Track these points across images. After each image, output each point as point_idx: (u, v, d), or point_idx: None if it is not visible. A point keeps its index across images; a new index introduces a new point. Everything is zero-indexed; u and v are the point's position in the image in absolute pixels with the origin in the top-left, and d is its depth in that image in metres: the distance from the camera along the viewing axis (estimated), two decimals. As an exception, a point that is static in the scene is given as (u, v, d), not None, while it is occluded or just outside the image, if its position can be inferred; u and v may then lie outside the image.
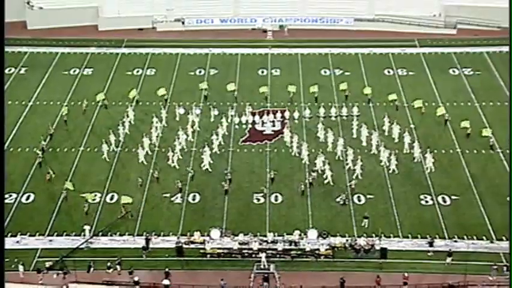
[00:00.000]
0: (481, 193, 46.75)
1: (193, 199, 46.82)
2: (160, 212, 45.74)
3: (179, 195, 46.85)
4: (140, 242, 42.48)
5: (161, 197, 46.89)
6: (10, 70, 63.43)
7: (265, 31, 72.72)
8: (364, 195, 46.64)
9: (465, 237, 42.70)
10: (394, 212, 45.16)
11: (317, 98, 58.06)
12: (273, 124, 55.05)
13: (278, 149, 52.08)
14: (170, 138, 52.71)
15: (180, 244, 41.81)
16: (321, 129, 52.77)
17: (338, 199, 46.17)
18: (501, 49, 66.75)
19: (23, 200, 46.73)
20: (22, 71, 64.39)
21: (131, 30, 72.80)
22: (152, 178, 48.43)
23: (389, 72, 63.93)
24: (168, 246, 42.30)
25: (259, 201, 46.61)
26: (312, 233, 42.30)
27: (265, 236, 42.47)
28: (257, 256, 40.84)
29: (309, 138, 53.01)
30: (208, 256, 41.66)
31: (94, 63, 66.17)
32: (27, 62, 66.09)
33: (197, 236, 42.50)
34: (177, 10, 74.41)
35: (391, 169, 48.87)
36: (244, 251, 41.55)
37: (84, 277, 39.85)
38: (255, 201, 46.60)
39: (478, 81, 61.60)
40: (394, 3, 72.77)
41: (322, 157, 49.09)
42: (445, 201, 46.14)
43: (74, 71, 64.51)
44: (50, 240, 43.18)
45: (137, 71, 64.70)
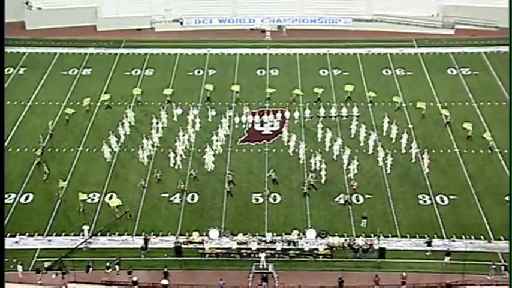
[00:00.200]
0: (479, 193, 46.86)
1: (192, 199, 46.87)
2: (159, 212, 45.78)
3: (180, 195, 46.95)
4: (139, 242, 42.54)
5: (160, 197, 46.94)
6: (9, 70, 63.45)
7: (263, 31, 72.78)
8: (362, 195, 46.70)
9: (463, 236, 42.81)
10: (393, 212, 45.26)
11: (320, 99, 58.03)
12: (272, 124, 55.16)
13: (277, 149, 52.14)
14: (170, 138, 52.66)
15: (179, 244, 41.84)
16: (320, 129, 52.78)
17: (341, 199, 46.18)
18: (499, 49, 66.95)
19: (22, 200, 46.78)
20: (21, 71, 64.42)
21: (130, 30, 72.84)
22: (154, 179, 48.25)
23: (387, 72, 64.02)
24: (167, 246, 42.32)
25: (257, 201, 46.68)
26: (311, 233, 42.39)
27: (263, 236, 42.51)
28: (256, 256, 40.84)
29: (308, 138, 53.06)
30: (207, 256, 41.70)
31: (93, 63, 66.19)
32: (25, 62, 66.12)
33: (196, 236, 42.57)
34: (176, 10, 74.47)
35: (388, 169, 48.90)
36: (242, 251, 41.58)
37: (83, 277, 39.89)
38: (254, 201, 46.66)
39: (476, 81, 61.71)
40: (392, 3, 72.87)
41: (318, 156, 49.19)
42: (443, 201, 46.24)
43: (73, 71, 64.52)
44: (49, 240, 43.22)
45: (136, 71, 64.74)
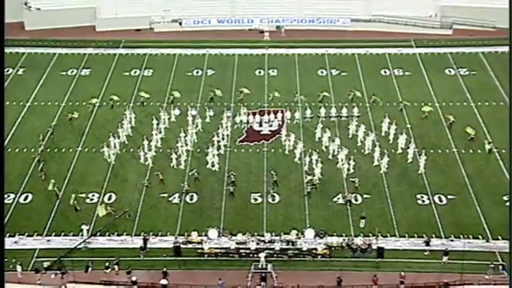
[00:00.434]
0: (477, 192, 46.94)
1: (191, 199, 46.94)
2: (158, 212, 45.83)
3: (179, 195, 47.07)
4: (138, 242, 42.55)
5: (159, 197, 47.01)
6: (8, 71, 63.44)
7: (262, 32, 72.91)
8: (361, 195, 46.79)
9: (461, 236, 42.87)
10: (391, 212, 45.34)
11: (322, 100, 58.11)
12: (271, 124, 55.24)
13: (275, 149, 52.24)
14: (171, 139, 52.72)
15: (178, 244, 41.88)
16: (320, 129, 52.78)
17: (339, 199, 46.26)
18: (496, 49, 67.16)
19: (21, 200, 46.81)
20: (20, 72, 64.48)
21: (129, 30, 72.94)
22: (155, 180, 48.18)
23: (385, 72, 64.16)
24: (166, 246, 42.35)
25: (256, 201, 46.78)
26: (309, 233, 42.43)
27: (262, 236, 42.58)
28: (255, 256, 40.88)
29: (306, 138, 53.11)
30: (206, 256, 41.76)
31: (92, 63, 66.27)
32: (25, 63, 66.20)
33: (195, 236, 42.62)
34: (174, 11, 74.61)
35: (386, 170, 49.01)
36: (241, 251, 41.66)
37: (82, 277, 39.89)
38: (253, 201, 46.75)
39: (474, 81, 61.86)
40: (390, 3, 73.05)
41: (315, 156, 49.29)
42: (442, 200, 46.33)
43: (72, 72, 64.60)
44: (48, 240, 43.23)
45: (135, 72, 64.83)
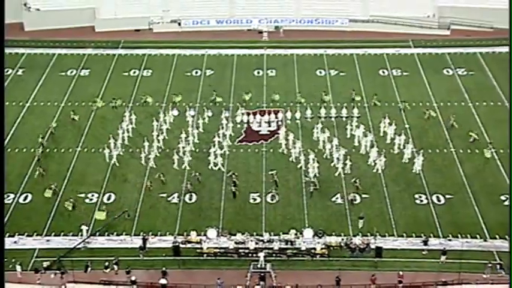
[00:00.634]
0: (475, 192, 47.09)
1: (190, 199, 47.07)
2: (157, 212, 45.95)
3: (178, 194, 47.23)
4: (137, 242, 42.63)
5: (158, 197, 47.14)
6: (7, 71, 63.43)
7: (260, 32, 73.04)
8: (359, 194, 46.95)
9: (459, 235, 43.00)
10: (389, 211, 45.49)
11: (325, 100, 58.32)
12: (269, 124, 55.39)
13: (274, 149, 52.36)
14: (171, 140, 52.80)
15: (177, 244, 41.95)
16: (320, 129, 52.89)
17: (338, 198, 46.41)
18: (494, 49, 67.36)
19: (21, 200, 46.93)
20: (19, 72, 64.58)
21: (128, 31, 73.01)
22: (156, 181, 48.20)
23: (383, 72, 64.32)
24: (165, 246, 42.46)
25: (255, 200, 46.92)
26: (308, 232, 42.49)
27: (261, 236, 42.70)
28: (254, 255, 40.96)
29: (305, 138, 53.21)
30: (205, 255, 41.88)
31: (91, 64, 66.36)
32: (24, 63, 66.31)
33: (194, 236, 42.68)
34: (173, 11, 74.71)
35: (385, 169, 49.22)
36: (240, 251, 41.78)
37: (81, 277, 39.98)
38: (251, 200, 46.90)
39: (472, 81, 62.04)
40: (389, 4, 73.23)
41: (312, 155, 49.48)
42: (440, 200, 46.47)
43: (71, 72, 64.69)
44: (48, 240, 43.33)
45: (134, 72, 64.92)
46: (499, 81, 61.17)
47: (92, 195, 47.17)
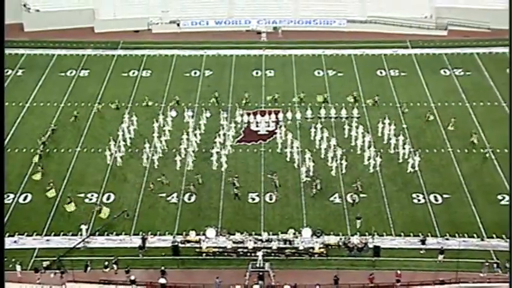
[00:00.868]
0: (472, 192, 47.30)
1: (189, 199, 47.27)
2: (156, 212, 46.13)
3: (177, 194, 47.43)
4: (136, 242, 42.82)
5: (157, 197, 47.31)
6: (7, 72, 63.62)
7: (259, 33, 73.26)
8: (357, 194, 47.15)
9: (456, 235, 43.22)
10: (387, 211, 45.69)
11: (326, 100, 58.49)
12: (268, 124, 55.58)
13: (273, 149, 52.53)
14: (171, 140, 52.88)
15: (176, 243, 42.12)
16: (319, 129, 53.06)
17: (336, 198, 46.63)
18: (491, 50, 67.74)
19: (21, 200, 47.08)
20: (19, 73, 64.78)
21: (127, 32, 73.28)
22: (159, 183, 48.23)
23: (381, 73, 64.57)
24: (164, 245, 42.63)
25: (254, 200, 47.12)
26: (306, 232, 42.64)
27: (260, 235, 42.87)
28: (252, 255, 41.10)
29: (303, 138, 53.42)
30: (204, 255, 42.02)
31: (90, 64, 66.58)
32: (24, 64, 66.52)
33: (193, 235, 42.83)
34: (172, 12, 74.99)
35: (382, 169, 49.44)
36: (239, 250, 41.92)
37: (81, 276, 40.15)
38: (250, 200, 47.09)
39: (469, 81, 62.32)
40: (386, 5, 73.51)
41: (308, 154, 49.72)
42: (437, 199, 46.69)
43: (71, 73, 64.91)
44: (47, 240, 43.50)
45: (133, 73, 65.13)
46: (496, 81, 61.53)
47: (92, 195, 47.33)
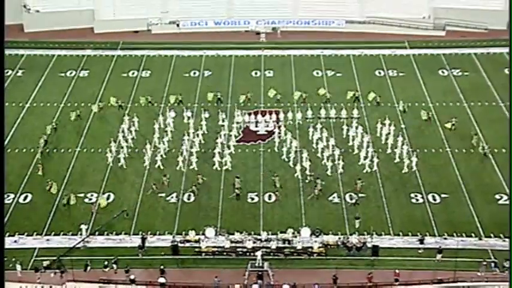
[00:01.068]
0: (470, 191, 47.53)
1: (188, 198, 47.45)
2: (155, 212, 46.30)
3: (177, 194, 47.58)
4: (136, 241, 42.95)
5: (157, 197, 47.49)
6: (7, 72, 63.84)
7: (258, 33, 73.52)
8: (356, 194, 47.39)
9: (455, 234, 43.44)
10: (385, 211, 45.88)
11: (329, 100, 58.66)
12: (267, 124, 55.73)
13: (272, 149, 52.73)
14: (172, 141, 53.00)
15: (176, 243, 42.27)
16: (319, 129, 53.28)
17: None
18: (488, 50, 68.07)
19: (21, 200, 47.25)
20: (19, 73, 65.01)
21: (126, 32, 73.48)
22: (160, 184, 48.27)
23: (380, 73, 64.81)
24: (164, 245, 42.79)
25: (253, 200, 47.32)
26: (305, 231, 42.75)
27: (259, 235, 43.01)
28: (251, 254, 41.25)
29: (302, 138, 53.59)
30: (203, 254, 42.17)
31: (90, 65, 66.81)
32: (24, 64, 66.75)
33: (192, 235, 42.95)
34: (172, 13, 75.20)
35: (381, 169, 49.62)
36: (238, 250, 42.06)
37: (81, 276, 40.29)
38: (249, 200, 47.28)
39: (467, 81, 62.58)
40: (385, 5, 73.71)
41: (305, 154, 49.97)
42: (435, 199, 46.89)
43: (71, 73, 65.13)
44: (48, 239, 43.67)
45: (133, 73, 65.35)
46: (494, 81, 61.83)
47: (92, 195, 47.48)
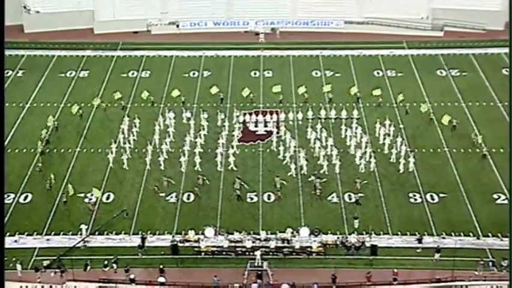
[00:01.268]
0: (468, 191, 47.76)
1: (187, 198, 47.63)
2: (155, 211, 46.48)
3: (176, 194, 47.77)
4: (136, 241, 43.12)
5: (157, 197, 47.64)
6: (8, 73, 64.10)
7: (257, 34, 73.74)
8: (354, 193, 47.54)
9: (453, 233, 43.64)
10: (384, 210, 46.08)
11: (331, 99, 58.87)
12: (266, 124, 55.95)
13: (271, 149, 52.93)
14: (175, 142, 53.19)
15: (175, 242, 42.44)
16: (319, 129, 53.51)
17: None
18: (486, 51, 68.37)
19: (21, 200, 47.42)
20: (19, 74, 65.25)
21: (126, 33, 73.71)
22: (162, 185, 48.34)
23: (378, 73, 65.05)
24: (164, 244, 42.95)
25: (252, 200, 47.51)
26: (304, 231, 42.92)
27: (258, 234, 43.18)
28: (251, 254, 41.38)
29: (301, 138, 53.82)
30: (202, 254, 42.33)
31: (90, 65, 67.04)
32: (24, 65, 66.98)
33: (192, 235, 43.12)
34: (171, 13, 75.44)
35: (379, 169, 49.84)
36: (238, 249, 42.21)
37: (81, 275, 40.42)
38: (248, 200, 47.46)
39: (465, 82, 62.84)
40: (383, 6, 73.98)
41: (302, 153, 50.20)
42: (433, 199, 47.10)
43: (70, 73, 65.37)
44: (48, 239, 43.85)
45: (132, 73, 65.56)
46: (492, 81, 62.15)
47: (91, 194, 47.58)
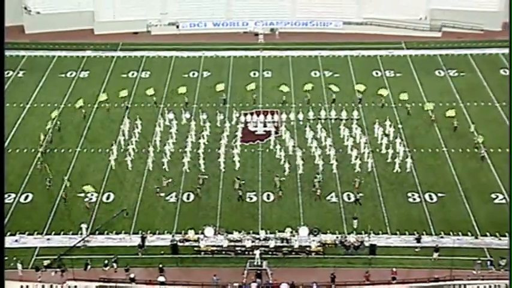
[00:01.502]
0: (466, 190, 47.93)
1: (187, 198, 47.80)
2: (155, 211, 46.64)
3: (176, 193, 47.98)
4: (136, 240, 43.27)
5: (156, 196, 47.80)
6: (8, 73, 64.28)
7: (256, 34, 73.89)
8: (353, 193, 47.74)
9: (451, 233, 43.82)
10: (383, 210, 46.25)
11: (335, 100, 58.99)
12: (265, 125, 56.12)
13: (270, 149, 53.07)
14: (176, 142, 53.36)
15: (175, 242, 42.60)
16: (319, 129, 53.71)
17: (333, 197, 47.16)
18: (484, 51, 68.55)
19: (21, 200, 47.59)
20: (20, 74, 65.44)
21: (126, 33, 73.86)
22: (164, 186, 48.48)
23: (377, 73, 65.25)
24: (163, 244, 43.11)
25: (251, 199, 47.68)
26: (303, 231, 43.04)
27: (257, 234, 43.32)
28: (250, 253, 41.54)
29: (300, 138, 53.99)
30: (202, 253, 42.48)
31: (90, 66, 67.23)
32: (24, 65, 67.15)
33: (191, 234, 43.25)
34: (171, 14, 75.62)
35: (378, 169, 50.01)
36: (237, 249, 42.37)
37: (81, 275, 40.61)
38: (248, 199, 47.62)
39: (463, 82, 63.01)
40: (382, 7, 74.15)
41: (299, 152, 50.35)
42: (432, 198, 47.28)
43: (71, 74, 65.56)
44: (48, 239, 44.02)
45: (132, 74, 65.73)
46: (490, 82, 62.36)
47: (92, 194, 47.73)
